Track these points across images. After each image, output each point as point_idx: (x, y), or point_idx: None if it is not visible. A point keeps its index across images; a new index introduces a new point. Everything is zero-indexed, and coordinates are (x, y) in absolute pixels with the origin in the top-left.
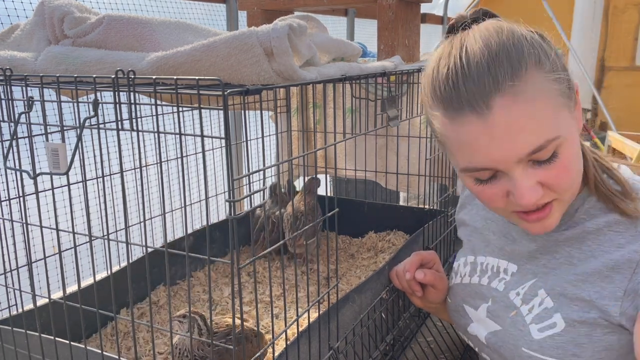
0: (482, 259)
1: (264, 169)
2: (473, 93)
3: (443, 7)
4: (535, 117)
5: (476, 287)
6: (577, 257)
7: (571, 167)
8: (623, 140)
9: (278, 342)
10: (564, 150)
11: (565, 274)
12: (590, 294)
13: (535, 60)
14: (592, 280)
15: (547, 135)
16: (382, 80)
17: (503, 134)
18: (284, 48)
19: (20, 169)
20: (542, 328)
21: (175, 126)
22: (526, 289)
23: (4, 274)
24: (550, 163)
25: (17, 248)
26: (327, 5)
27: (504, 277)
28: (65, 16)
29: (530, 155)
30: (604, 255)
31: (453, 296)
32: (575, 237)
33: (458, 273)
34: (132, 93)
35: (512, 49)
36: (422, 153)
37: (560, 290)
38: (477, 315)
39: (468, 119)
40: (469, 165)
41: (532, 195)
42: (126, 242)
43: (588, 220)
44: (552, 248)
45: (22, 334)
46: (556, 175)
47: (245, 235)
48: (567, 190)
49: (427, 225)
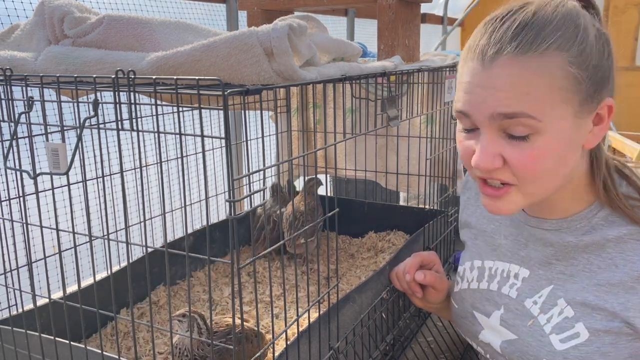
0: (490, 263)
1: (264, 169)
2: (494, 42)
3: (443, 7)
4: (527, 86)
5: (486, 292)
6: (597, 264)
7: (541, 162)
8: (623, 140)
9: (278, 342)
10: (539, 140)
11: (584, 282)
12: (614, 305)
13: (564, 48)
14: (616, 292)
15: (524, 108)
16: (382, 80)
17: (490, 84)
18: (284, 48)
19: (20, 169)
20: (565, 338)
21: (175, 126)
22: (544, 297)
23: (4, 274)
24: (520, 142)
25: (17, 248)
26: (327, 5)
27: (514, 283)
28: (65, 16)
29: (502, 119)
30: (627, 264)
31: (460, 302)
32: (595, 243)
33: (464, 278)
34: (132, 93)
35: (549, 25)
36: (422, 153)
37: (581, 300)
38: (489, 323)
39: (475, 64)
40: (458, 107)
41: (486, 160)
42: (126, 242)
43: (607, 227)
44: (570, 254)
45: (22, 334)
46: (521, 159)
47: (246, 235)
48: (529, 183)
49: (427, 225)
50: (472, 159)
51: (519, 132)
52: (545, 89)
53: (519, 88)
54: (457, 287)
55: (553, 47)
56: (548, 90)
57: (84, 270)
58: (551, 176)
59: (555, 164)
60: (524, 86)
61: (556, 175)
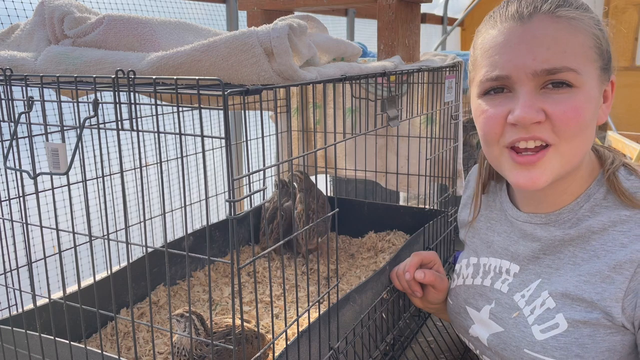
0: (484, 260)
1: (264, 169)
2: (527, 3)
3: (443, 7)
4: (565, 43)
5: (479, 288)
6: (581, 257)
7: (580, 114)
8: (623, 140)
9: (278, 342)
10: (578, 93)
11: (568, 274)
12: (591, 295)
13: (589, 10)
14: (594, 281)
15: (568, 63)
16: (382, 80)
17: (531, 41)
18: (284, 48)
19: (20, 169)
20: (545, 329)
21: (175, 126)
22: (531, 291)
23: (4, 274)
24: (561, 96)
25: (17, 248)
26: (327, 5)
27: (506, 278)
28: (65, 16)
29: (546, 75)
30: (607, 255)
31: (455, 297)
32: (580, 236)
33: (460, 275)
34: (132, 93)
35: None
36: (422, 153)
37: (562, 291)
38: (479, 317)
39: (510, 24)
40: (489, 73)
41: (530, 112)
42: (126, 242)
43: (592, 217)
44: (557, 248)
45: (22, 334)
46: (562, 111)
47: (246, 235)
48: (568, 139)
49: (427, 225)
50: (512, 116)
51: (560, 85)
52: (580, 45)
53: (559, 44)
54: (453, 284)
55: (581, 9)
56: (582, 48)
57: (84, 270)
58: (588, 136)
59: (590, 120)
60: (562, 42)
61: (590, 137)
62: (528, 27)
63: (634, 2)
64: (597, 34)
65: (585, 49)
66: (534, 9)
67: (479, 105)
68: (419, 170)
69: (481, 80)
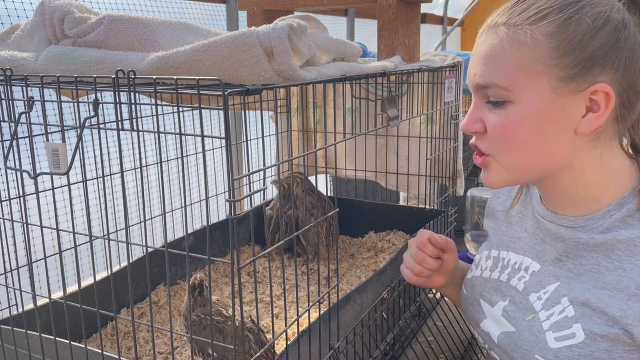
0: (504, 254)
1: (264, 169)
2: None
3: (443, 7)
4: (501, 58)
5: (495, 282)
6: (605, 265)
7: (511, 130)
8: None
9: (278, 342)
10: (513, 108)
11: (590, 282)
12: (614, 310)
13: (541, 19)
14: (620, 297)
15: (496, 79)
16: (382, 80)
17: (476, 55)
18: (284, 48)
19: (20, 169)
20: (560, 337)
21: (175, 126)
22: (549, 294)
23: (4, 274)
24: (497, 110)
25: (17, 248)
26: (327, 5)
27: (523, 276)
28: (66, 16)
29: (480, 89)
30: (635, 269)
31: (470, 288)
32: (605, 243)
33: (479, 266)
34: (132, 93)
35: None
36: (422, 153)
37: (583, 300)
38: (492, 312)
39: (481, 36)
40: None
41: (467, 123)
42: (126, 242)
43: (622, 228)
44: (580, 252)
45: (22, 334)
46: (493, 124)
47: (246, 235)
48: (503, 152)
49: (427, 225)
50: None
51: (493, 99)
52: (516, 59)
53: (492, 59)
54: (470, 274)
55: (534, 18)
56: (520, 61)
57: (84, 270)
58: (529, 151)
59: (529, 136)
60: (497, 57)
61: (536, 151)
62: (480, 42)
63: None
64: (549, 45)
65: (525, 62)
66: (492, 22)
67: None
68: (419, 170)
69: None
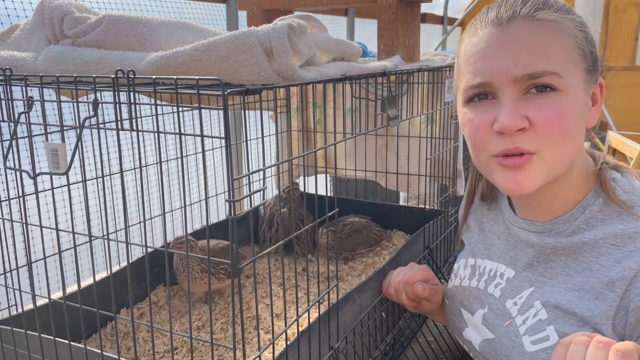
0: (480, 261)
1: (264, 169)
2: (506, 8)
3: (443, 7)
4: (547, 46)
5: (474, 290)
6: (574, 268)
7: (563, 120)
8: (623, 140)
9: (278, 342)
10: (562, 98)
11: (561, 285)
12: (583, 310)
13: (570, 12)
14: (587, 297)
15: (550, 66)
16: (382, 80)
17: (511, 45)
18: (284, 48)
19: (20, 169)
20: (536, 340)
21: (175, 126)
22: (524, 299)
23: (4, 274)
24: (544, 101)
25: (17, 248)
26: (327, 5)
27: (499, 282)
28: (65, 16)
29: (527, 80)
30: (600, 269)
31: (451, 298)
32: (572, 246)
33: (458, 275)
34: (132, 93)
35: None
36: (422, 153)
37: (555, 303)
38: (472, 321)
39: (490, 30)
40: (471, 81)
41: (513, 119)
42: (126, 242)
43: (587, 230)
44: (549, 257)
45: (22, 334)
46: (546, 117)
47: (246, 235)
48: (552, 146)
49: (427, 225)
50: (497, 124)
51: (544, 89)
52: (562, 48)
53: (540, 47)
54: (450, 284)
55: (562, 11)
56: (564, 50)
57: (84, 270)
58: (571, 142)
59: (575, 126)
60: (543, 46)
61: (575, 143)
62: (508, 32)
63: (634, 2)
64: (579, 36)
65: (567, 52)
66: (513, 13)
67: (465, 114)
68: (419, 170)
69: (464, 88)
